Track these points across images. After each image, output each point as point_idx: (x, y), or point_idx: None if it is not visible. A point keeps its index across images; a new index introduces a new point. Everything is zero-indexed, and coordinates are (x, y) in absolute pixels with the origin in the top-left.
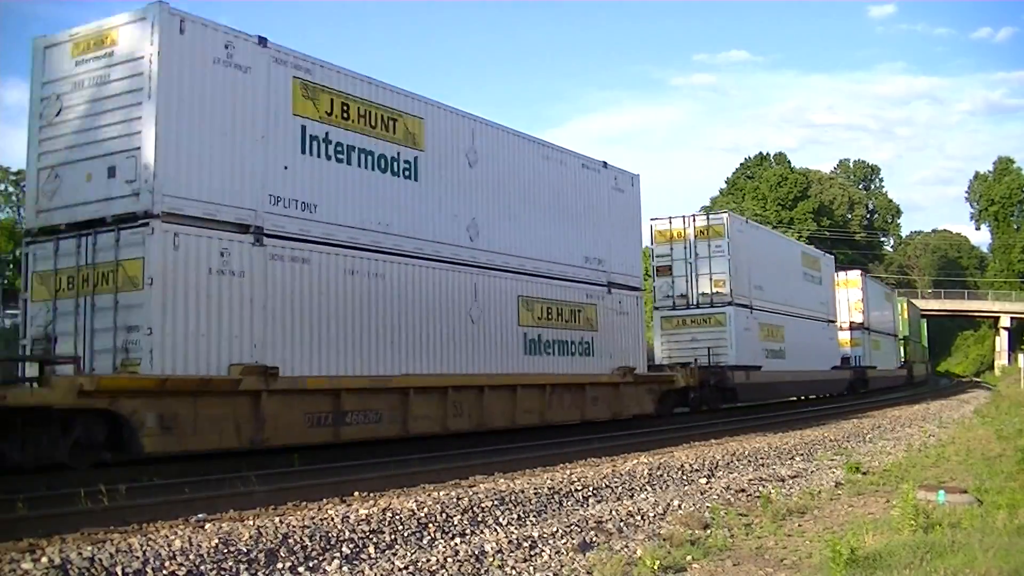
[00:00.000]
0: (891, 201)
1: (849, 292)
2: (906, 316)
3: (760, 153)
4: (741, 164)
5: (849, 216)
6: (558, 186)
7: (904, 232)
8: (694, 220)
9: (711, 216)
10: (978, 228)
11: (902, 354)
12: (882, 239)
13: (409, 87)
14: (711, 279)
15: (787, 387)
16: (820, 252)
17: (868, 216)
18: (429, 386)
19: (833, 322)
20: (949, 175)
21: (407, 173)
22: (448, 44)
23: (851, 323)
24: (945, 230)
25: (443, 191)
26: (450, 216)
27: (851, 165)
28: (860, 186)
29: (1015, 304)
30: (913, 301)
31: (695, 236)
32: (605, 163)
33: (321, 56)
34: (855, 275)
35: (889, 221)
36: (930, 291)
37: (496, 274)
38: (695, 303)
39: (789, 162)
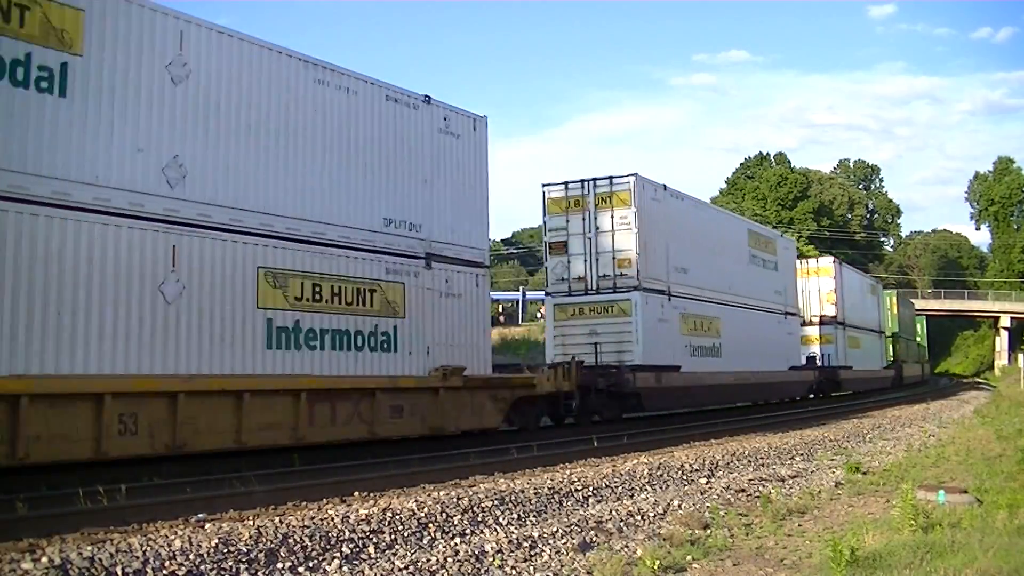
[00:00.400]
0: (891, 201)
1: (820, 282)
2: (895, 311)
3: (760, 153)
4: (741, 164)
5: (849, 216)
6: (341, 122)
7: (904, 232)
8: (595, 186)
9: (615, 180)
10: (978, 228)
11: (890, 353)
12: (882, 239)
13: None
14: (614, 258)
15: (723, 391)
16: (776, 233)
17: (868, 216)
18: (61, 392)
19: (794, 315)
20: (949, 175)
21: (46, 84)
22: (448, 44)
23: (821, 317)
24: (945, 230)
25: (119, 115)
26: (131, 150)
27: (851, 165)
28: (860, 186)
29: (1015, 304)
30: (905, 296)
31: (596, 205)
32: (428, 97)
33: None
34: (827, 262)
35: (889, 221)
36: (930, 291)
37: (217, 236)
38: (594, 287)
39: (789, 162)
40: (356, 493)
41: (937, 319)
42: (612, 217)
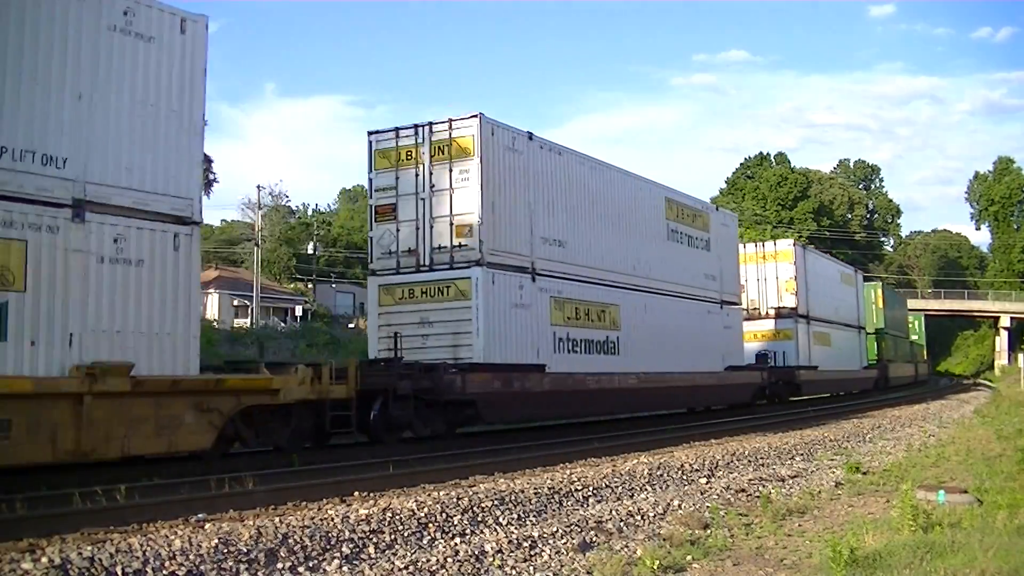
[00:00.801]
0: (891, 201)
1: (779, 268)
2: (880, 305)
3: (760, 153)
4: (741, 164)
5: (849, 216)
6: None
7: (904, 232)
8: (431, 132)
9: (455, 124)
10: (978, 228)
11: (874, 351)
12: (882, 239)
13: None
14: (452, 224)
15: (619, 397)
16: (710, 204)
17: (868, 216)
18: None
19: (734, 304)
20: (949, 175)
21: None
22: (450, 46)
23: (779, 309)
24: (945, 230)
25: None
26: None
27: (851, 165)
28: (860, 186)
29: (1015, 304)
30: (894, 289)
31: (431, 156)
32: None
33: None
34: (786, 245)
35: (889, 221)
36: (930, 291)
37: None
38: (427, 263)
39: (789, 162)
40: (356, 493)
41: (937, 319)
42: (451, 171)
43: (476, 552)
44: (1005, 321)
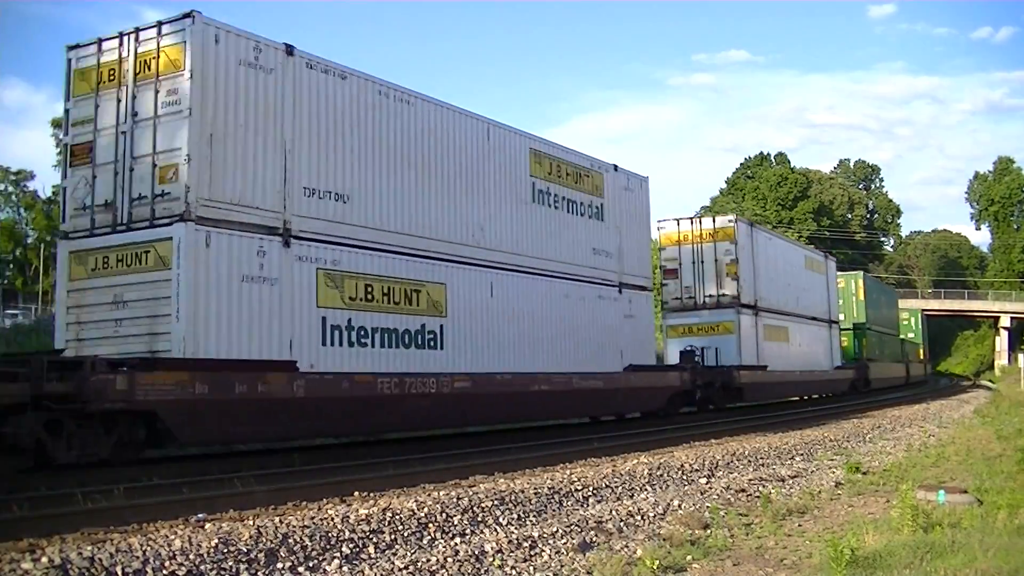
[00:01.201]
0: (891, 201)
1: (717, 248)
2: (862, 297)
3: (760, 153)
4: (741, 164)
5: (849, 216)
6: None
7: (904, 232)
8: (137, 42)
9: (164, 29)
10: (978, 228)
11: (853, 349)
12: (882, 239)
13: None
14: (155, 165)
15: (436, 406)
16: (606, 163)
17: (868, 216)
18: None
19: (642, 289)
20: (949, 175)
21: None
22: (449, 44)
23: (718, 297)
24: (945, 230)
25: None
26: None
27: (851, 165)
28: (860, 186)
29: (1015, 304)
30: (880, 281)
31: (136, 75)
32: None
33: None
34: (726, 221)
35: (889, 221)
36: (930, 291)
37: None
38: (124, 220)
39: (789, 162)
40: (356, 493)
41: (937, 319)
42: (157, 93)
43: (476, 552)
44: (1005, 321)
